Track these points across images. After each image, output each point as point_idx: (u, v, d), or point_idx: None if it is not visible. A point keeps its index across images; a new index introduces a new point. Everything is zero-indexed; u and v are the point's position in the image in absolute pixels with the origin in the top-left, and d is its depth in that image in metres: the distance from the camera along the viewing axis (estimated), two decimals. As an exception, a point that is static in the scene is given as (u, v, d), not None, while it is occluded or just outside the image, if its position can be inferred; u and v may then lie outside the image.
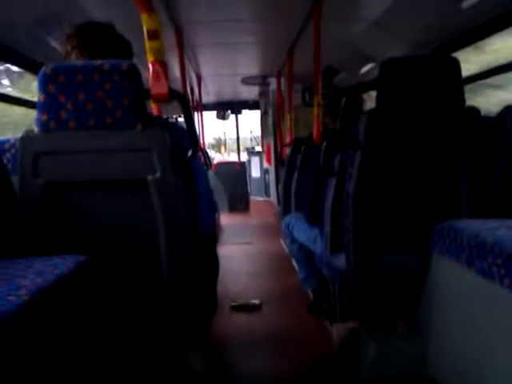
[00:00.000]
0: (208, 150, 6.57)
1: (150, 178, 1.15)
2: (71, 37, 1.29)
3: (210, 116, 7.58)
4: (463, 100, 1.43)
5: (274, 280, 3.32)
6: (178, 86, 3.65)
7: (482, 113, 1.46)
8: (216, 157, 8.71)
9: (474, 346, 1.12)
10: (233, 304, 2.75)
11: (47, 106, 1.12)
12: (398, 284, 1.50)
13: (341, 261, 1.66)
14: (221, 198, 6.65)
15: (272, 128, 5.96)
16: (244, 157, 8.08)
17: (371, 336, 1.53)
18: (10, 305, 0.67)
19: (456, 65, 1.42)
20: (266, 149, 6.82)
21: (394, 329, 1.68)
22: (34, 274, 0.83)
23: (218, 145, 11.44)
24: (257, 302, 2.77)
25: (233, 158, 10.39)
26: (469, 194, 1.43)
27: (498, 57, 2.62)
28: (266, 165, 7.06)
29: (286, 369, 1.95)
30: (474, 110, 1.43)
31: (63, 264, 0.92)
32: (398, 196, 1.46)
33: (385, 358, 1.47)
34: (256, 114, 7.66)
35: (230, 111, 7.46)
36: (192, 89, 5.42)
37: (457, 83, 1.42)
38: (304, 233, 2.40)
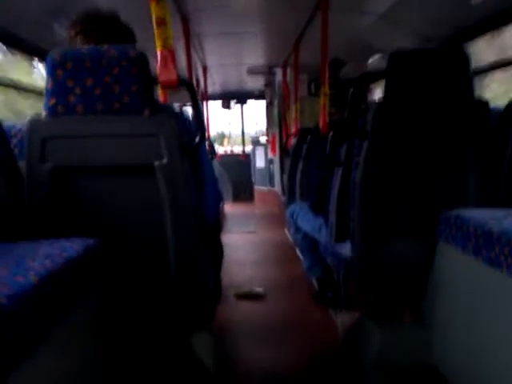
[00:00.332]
0: None
1: (156, 163, 1.15)
2: (76, 23, 1.30)
3: (212, 109, 7.51)
4: (472, 92, 1.43)
5: (278, 269, 3.33)
6: (183, 75, 3.64)
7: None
8: (219, 150, 8.68)
9: (480, 336, 1.12)
10: (237, 292, 2.76)
11: (55, 91, 1.13)
12: (403, 273, 1.51)
13: (346, 250, 1.67)
14: (225, 188, 6.66)
15: (277, 118, 5.95)
16: (248, 148, 8.08)
17: (376, 326, 1.53)
18: (18, 286, 0.67)
19: (465, 57, 1.41)
20: (271, 139, 6.82)
21: (399, 318, 1.68)
22: (42, 257, 0.83)
23: (221, 137, 11.36)
24: (261, 290, 2.79)
25: (236, 150, 10.37)
26: (476, 184, 1.43)
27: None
28: (270, 155, 7.06)
29: (290, 357, 1.96)
30: (483, 102, 1.42)
31: (71, 247, 0.93)
32: (405, 185, 1.47)
33: (389, 348, 1.48)
34: (260, 105, 7.65)
35: (235, 101, 7.44)
36: (197, 79, 5.42)
37: (466, 75, 1.41)
38: (308, 222, 2.41)
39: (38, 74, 2.79)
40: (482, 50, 2.67)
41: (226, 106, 7.45)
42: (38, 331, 0.71)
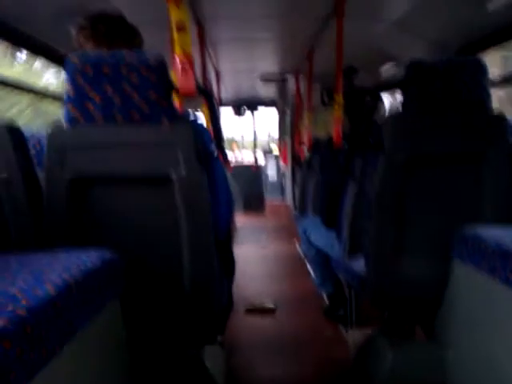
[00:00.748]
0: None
1: (174, 174, 1.14)
2: (84, 28, 1.29)
3: (223, 115, 7.51)
4: (489, 104, 1.40)
5: (288, 283, 3.28)
6: (199, 82, 3.62)
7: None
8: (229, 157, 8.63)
9: (495, 356, 1.10)
10: (248, 306, 2.72)
11: (76, 99, 1.12)
12: (418, 290, 1.47)
13: (359, 265, 1.63)
14: (236, 200, 6.62)
15: (289, 128, 5.91)
16: (259, 156, 8.04)
17: (388, 343, 1.50)
18: (37, 299, 0.67)
19: (482, 68, 1.38)
20: (283, 149, 6.78)
21: (411, 336, 1.64)
22: (60, 269, 0.83)
23: (230, 142, 11.35)
24: (271, 305, 2.74)
25: (245, 156, 10.29)
26: (493, 200, 1.40)
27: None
28: (282, 166, 7.02)
29: (300, 373, 1.92)
30: (500, 115, 1.39)
31: (88, 259, 0.92)
32: (421, 201, 1.43)
33: (402, 366, 1.45)
34: (272, 113, 7.62)
35: (246, 107, 7.41)
36: (211, 84, 5.40)
37: (483, 86, 1.38)
38: (321, 237, 2.35)
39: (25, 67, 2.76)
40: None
41: (238, 112, 7.43)
42: (54, 344, 0.71)
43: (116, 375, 1.07)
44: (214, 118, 1.28)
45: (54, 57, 2.51)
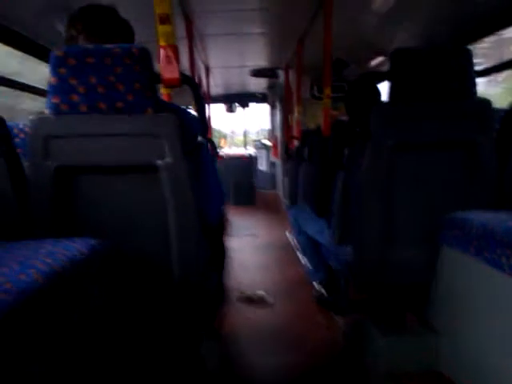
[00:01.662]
0: None
1: (160, 163, 1.14)
2: (76, 20, 1.27)
3: (214, 111, 7.48)
4: (475, 91, 1.41)
5: (280, 272, 3.32)
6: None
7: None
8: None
9: (486, 338, 1.11)
10: (240, 296, 2.76)
11: (58, 89, 1.12)
12: (405, 276, 1.49)
13: (348, 252, 1.66)
14: (227, 191, 6.63)
15: (280, 121, 5.94)
16: (251, 151, 8.05)
17: (380, 331, 1.52)
18: (21, 283, 0.67)
19: (468, 55, 1.40)
20: (273, 142, 6.81)
21: (402, 322, 1.66)
22: (45, 255, 0.83)
23: (218, 137, 11.19)
24: (264, 294, 2.78)
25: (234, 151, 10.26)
26: (480, 186, 1.42)
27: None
28: (273, 158, 7.04)
29: (294, 360, 1.95)
30: (486, 102, 1.41)
31: (74, 246, 0.93)
32: (408, 188, 1.45)
33: (394, 353, 1.47)
34: (263, 107, 7.63)
35: (237, 104, 7.42)
36: (200, 80, 5.41)
37: (469, 74, 1.40)
38: (311, 225, 2.39)
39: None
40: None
41: (230, 109, 7.43)
42: (40, 329, 0.71)
43: (108, 364, 1.08)
44: (200, 108, 1.29)
45: (38, 52, 2.49)
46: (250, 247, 4.20)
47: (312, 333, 2.24)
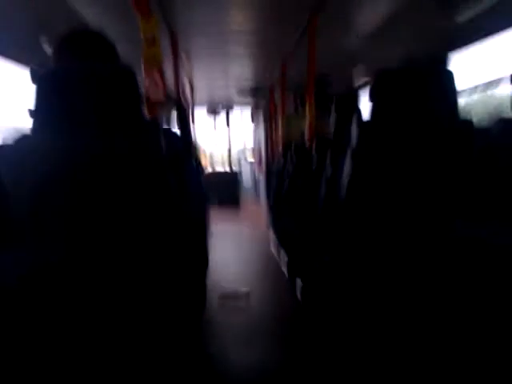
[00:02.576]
0: None
1: (143, 180, 1.15)
2: (62, 39, 1.28)
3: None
4: (456, 110, 1.44)
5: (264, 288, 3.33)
6: (171, 91, 3.65)
7: None
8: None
9: None
10: (221, 294, 2.81)
11: (42, 108, 1.12)
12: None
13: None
14: (212, 207, 6.61)
15: (264, 137, 5.99)
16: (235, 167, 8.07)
17: None
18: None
19: (450, 77, 1.42)
20: (257, 158, 6.84)
21: None
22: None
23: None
24: (245, 290, 2.85)
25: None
26: (461, 201, 1.44)
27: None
28: (257, 173, 7.07)
29: (276, 354, 1.98)
30: (468, 122, 1.43)
31: (46, 251, 0.96)
32: (389, 204, 1.47)
33: None
34: (247, 122, 7.68)
35: (220, 105, 7.40)
36: (185, 96, 5.44)
37: (451, 94, 1.43)
38: (295, 236, 2.42)
39: None
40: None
41: (213, 111, 7.37)
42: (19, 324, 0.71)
43: (85, 362, 1.09)
44: (185, 129, 1.30)
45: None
46: (234, 260, 4.20)
47: (293, 325, 2.29)
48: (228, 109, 7.32)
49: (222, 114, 7.44)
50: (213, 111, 7.29)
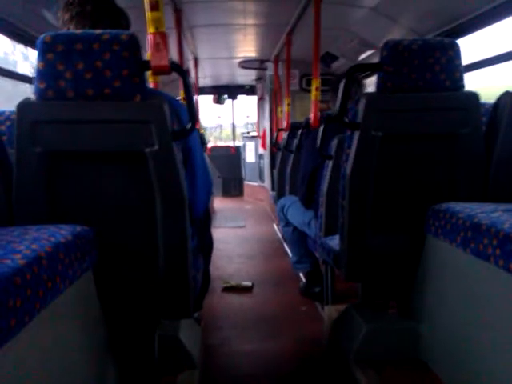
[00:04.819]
0: None
1: (147, 150, 1.13)
2: (71, 5, 1.26)
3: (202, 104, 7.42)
4: (463, 84, 1.43)
5: (266, 263, 3.35)
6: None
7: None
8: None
9: (469, 329, 1.13)
10: (224, 285, 2.78)
11: (46, 75, 1.10)
12: (391, 265, 1.51)
13: (334, 243, 1.67)
14: (215, 182, 6.63)
15: (268, 113, 5.94)
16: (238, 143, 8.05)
17: (361, 317, 1.53)
18: (6, 268, 0.68)
19: (457, 48, 1.41)
20: (261, 134, 6.81)
21: (386, 310, 1.67)
22: (29, 241, 0.83)
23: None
24: (248, 283, 2.80)
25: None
26: (466, 179, 1.43)
27: None
28: (261, 150, 7.05)
29: (276, 349, 1.97)
30: (473, 95, 1.42)
31: (59, 232, 0.92)
32: (395, 178, 1.46)
33: (375, 340, 1.48)
34: (252, 99, 7.62)
35: (226, 96, 7.38)
36: (189, 71, 5.38)
37: (457, 67, 1.41)
38: (298, 216, 2.41)
39: None
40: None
41: (218, 101, 7.37)
42: (24, 314, 0.71)
43: (91, 348, 1.08)
44: (189, 96, 1.28)
45: (24, 39, 2.47)
46: (237, 238, 4.22)
47: (295, 322, 2.26)
48: (232, 92, 7.26)
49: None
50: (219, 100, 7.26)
